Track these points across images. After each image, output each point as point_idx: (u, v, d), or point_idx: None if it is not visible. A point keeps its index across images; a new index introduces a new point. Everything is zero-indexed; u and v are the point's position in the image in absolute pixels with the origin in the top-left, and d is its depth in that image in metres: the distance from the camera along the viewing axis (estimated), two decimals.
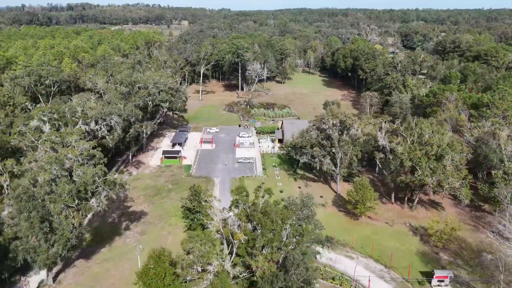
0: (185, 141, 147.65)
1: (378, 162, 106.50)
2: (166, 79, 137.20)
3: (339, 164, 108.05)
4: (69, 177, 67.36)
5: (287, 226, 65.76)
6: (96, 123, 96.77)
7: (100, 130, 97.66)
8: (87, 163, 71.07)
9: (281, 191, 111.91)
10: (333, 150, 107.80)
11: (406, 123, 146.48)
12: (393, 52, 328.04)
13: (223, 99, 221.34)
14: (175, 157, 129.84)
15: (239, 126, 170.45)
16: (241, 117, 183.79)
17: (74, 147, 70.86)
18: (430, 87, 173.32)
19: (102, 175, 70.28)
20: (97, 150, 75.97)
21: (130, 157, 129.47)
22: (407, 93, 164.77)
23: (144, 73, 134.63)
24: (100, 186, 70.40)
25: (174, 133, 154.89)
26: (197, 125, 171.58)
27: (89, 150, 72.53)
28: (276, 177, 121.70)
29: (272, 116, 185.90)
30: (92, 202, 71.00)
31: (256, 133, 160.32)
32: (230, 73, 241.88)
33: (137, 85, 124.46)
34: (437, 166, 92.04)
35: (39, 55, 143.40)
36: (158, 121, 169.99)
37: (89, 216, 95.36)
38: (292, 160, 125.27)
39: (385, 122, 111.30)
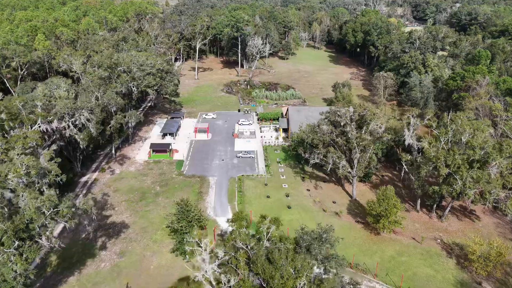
0: (177, 130, 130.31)
1: (404, 166, 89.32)
2: (154, 59, 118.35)
3: (356, 166, 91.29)
4: (7, 208, 50.65)
5: (302, 281, 49.36)
6: (63, 120, 79.43)
7: (68, 128, 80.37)
8: (38, 182, 54.26)
9: (287, 195, 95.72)
10: (350, 147, 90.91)
11: (428, 110, 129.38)
12: (406, 25, 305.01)
13: (221, 78, 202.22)
14: (165, 151, 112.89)
15: (239, 111, 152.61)
16: (241, 100, 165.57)
17: (22, 163, 53.49)
18: (452, 67, 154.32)
19: (52, 205, 53.23)
20: (55, 162, 58.93)
21: (114, 151, 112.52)
22: (427, 74, 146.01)
23: (129, 52, 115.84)
24: (49, 221, 53.32)
25: (165, 120, 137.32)
26: (192, 110, 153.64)
27: (41, 165, 55.46)
28: (281, 176, 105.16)
29: (275, 98, 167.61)
30: (42, 240, 54.58)
31: (258, 119, 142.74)
32: (229, 48, 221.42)
33: (118, 68, 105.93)
34: (481, 176, 75.15)
35: (5, 31, 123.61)
36: (149, 104, 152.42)
37: (58, 230, 79.58)
38: (299, 154, 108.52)
39: (413, 116, 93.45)
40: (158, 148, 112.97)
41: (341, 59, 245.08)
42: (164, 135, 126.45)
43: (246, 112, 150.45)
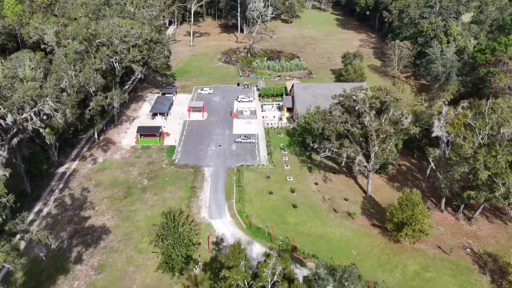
0: (169, 108, 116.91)
1: (431, 162, 76.68)
2: (141, 27, 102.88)
3: (372, 159, 78.92)
4: None
5: None
6: (23, 110, 66.06)
7: (30, 120, 67.20)
8: None
9: (293, 191, 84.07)
10: (366, 137, 78.27)
11: (450, 87, 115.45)
12: None
13: (219, 44, 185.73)
14: (154, 135, 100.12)
15: (238, 85, 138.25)
16: (240, 71, 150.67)
17: None
18: (475, 35, 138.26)
19: None
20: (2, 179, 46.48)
21: (96, 136, 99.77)
22: (449, 44, 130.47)
23: (111, 20, 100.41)
24: None
25: (156, 97, 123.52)
26: (186, 84, 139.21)
27: None
28: (285, 167, 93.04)
29: (278, 69, 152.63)
30: None
31: (259, 96, 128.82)
32: (227, 11, 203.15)
33: (97, 41, 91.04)
34: None
35: None
36: (139, 76, 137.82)
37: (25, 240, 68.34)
38: (305, 140, 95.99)
39: (445, 103, 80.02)
40: (146, 132, 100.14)
41: (349, 23, 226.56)
42: (154, 115, 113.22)
43: (246, 86, 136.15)
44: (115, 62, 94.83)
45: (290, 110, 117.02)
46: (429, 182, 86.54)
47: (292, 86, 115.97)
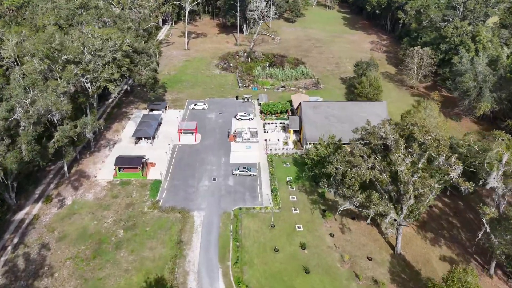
0: (157, 129, 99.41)
1: (485, 224, 58.92)
2: (120, 38, 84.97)
3: (404, 211, 61.64)
4: None
5: None
6: None
7: None
8: None
9: (304, 247, 67.01)
10: (397, 186, 60.98)
11: (482, 104, 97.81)
12: None
13: (216, 47, 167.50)
14: (136, 168, 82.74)
15: (237, 98, 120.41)
16: (240, 81, 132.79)
17: None
18: (506, 42, 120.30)
19: None
20: None
21: (66, 169, 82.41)
22: (478, 53, 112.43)
23: (86, 29, 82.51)
24: None
25: (142, 115, 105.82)
26: (178, 96, 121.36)
27: None
28: (292, 210, 75.80)
29: (282, 78, 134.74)
30: None
31: (260, 112, 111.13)
32: (226, 11, 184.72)
33: (63, 57, 73.27)
34: None
35: None
36: (125, 87, 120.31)
37: None
38: (316, 174, 78.86)
39: (501, 139, 62.48)
40: (126, 165, 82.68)
41: (357, 23, 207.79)
42: (138, 139, 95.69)
43: (245, 100, 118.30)
44: (87, 83, 77.05)
45: (297, 131, 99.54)
46: (461, 209, 69.45)
47: (300, 105, 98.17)
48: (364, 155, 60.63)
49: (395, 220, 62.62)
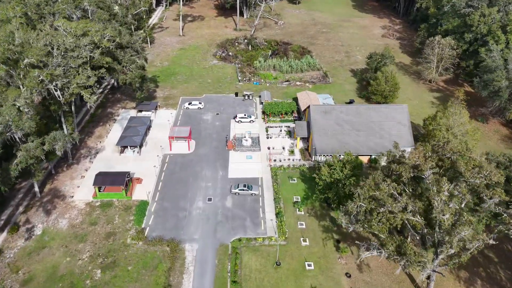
0: (145, 134, 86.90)
1: None
2: (98, 32, 71.24)
3: (439, 258, 49.84)
4: None
5: None
6: None
7: None
8: None
9: None
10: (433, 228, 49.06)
11: None
12: None
13: (214, 33, 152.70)
14: (119, 188, 70.63)
15: (236, 95, 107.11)
16: (239, 74, 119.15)
17: None
18: None
19: None
20: None
21: (37, 189, 70.34)
22: (508, 44, 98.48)
23: (56, 23, 68.83)
24: None
25: (129, 118, 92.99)
26: (171, 93, 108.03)
27: None
28: (301, 241, 64.11)
29: (286, 70, 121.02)
30: None
31: (263, 113, 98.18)
32: None
33: (25, 61, 60.04)
34: None
35: None
36: (113, 82, 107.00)
37: None
38: (329, 198, 67.01)
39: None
40: (107, 184, 70.54)
41: (366, 4, 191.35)
42: (123, 148, 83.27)
43: (246, 97, 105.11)
44: (56, 90, 64.03)
45: (304, 138, 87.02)
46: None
47: (308, 108, 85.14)
48: (393, 191, 48.35)
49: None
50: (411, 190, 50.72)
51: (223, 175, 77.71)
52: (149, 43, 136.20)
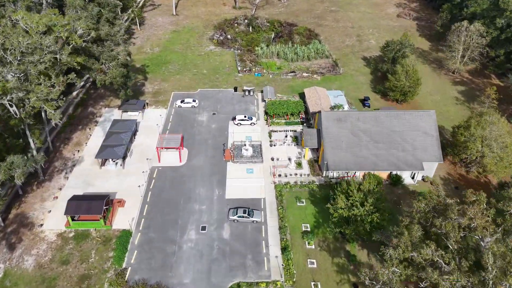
0: (130, 141, 74.95)
1: None
2: (67, 26, 57.76)
3: None
4: None
5: None
6: None
7: None
8: None
9: None
10: None
11: None
12: None
13: (211, 12, 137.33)
14: (97, 217, 59.25)
15: (235, 90, 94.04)
16: (239, 63, 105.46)
17: None
18: None
19: None
20: None
21: (0, 218, 59.06)
22: None
23: (15, 16, 55.19)
24: None
25: (112, 121, 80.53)
26: (161, 87, 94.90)
27: None
28: (312, 286, 53.51)
29: (291, 58, 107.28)
30: None
31: (265, 114, 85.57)
32: None
33: None
34: None
35: None
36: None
37: None
38: (346, 233, 55.96)
39: None
40: (83, 213, 59.08)
41: None
42: (103, 162, 71.35)
43: (246, 93, 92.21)
44: (11, 105, 51.51)
45: (313, 149, 74.96)
46: None
47: (319, 113, 72.52)
48: (439, 259, 36.93)
49: None
50: (459, 255, 39.26)
51: (220, 195, 66.29)
52: (138, 24, 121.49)
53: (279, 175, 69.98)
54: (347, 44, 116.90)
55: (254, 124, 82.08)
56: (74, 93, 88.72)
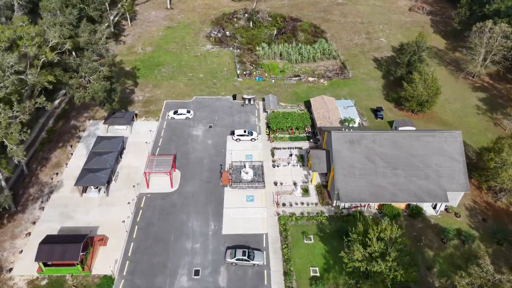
0: (116, 161, 66.02)
1: None
2: (36, 39, 48.04)
3: None
4: None
5: None
6: None
7: None
8: None
9: None
10: None
11: None
12: None
13: (208, 4, 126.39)
14: (73, 261, 50.69)
15: (234, 98, 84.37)
16: (238, 65, 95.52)
17: None
18: None
19: None
20: None
21: None
22: None
23: None
24: None
25: (96, 138, 71.32)
26: (153, 95, 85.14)
27: None
28: None
29: (295, 59, 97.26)
30: None
31: (267, 127, 76.09)
32: None
33: None
34: None
35: None
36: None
37: None
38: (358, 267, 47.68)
39: None
40: (57, 259, 50.38)
41: None
42: (83, 190, 62.44)
43: (246, 102, 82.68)
44: None
45: (321, 174, 65.91)
46: None
47: (329, 133, 63.19)
48: None
49: None
50: None
51: (216, 230, 57.68)
52: (129, 20, 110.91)
53: (283, 204, 61.23)
54: (356, 42, 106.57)
55: (255, 139, 72.91)
56: (56, 102, 79.29)
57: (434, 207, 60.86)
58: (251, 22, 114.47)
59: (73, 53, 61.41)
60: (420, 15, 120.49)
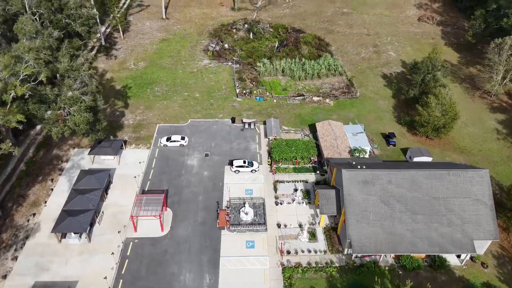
0: (101, 199, 58.55)
1: None
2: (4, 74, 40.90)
3: None
4: None
5: None
6: None
7: None
8: None
9: None
10: None
11: None
12: None
13: (206, 14, 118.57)
14: None
15: (233, 121, 76.71)
16: (237, 83, 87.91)
17: None
18: None
19: None
20: None
21: None
22: None
23: None
24: None
25: (79, 172, 63.79)
26: (144, 118, 77.36)
27: None
28: None
29: (299, 76, 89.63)
30: None
31: (269, 157, 68.55)
32: None
33: None
34: None
35: None
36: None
37: None
38: None
39: None
40: None
41: None
42: (62, 236, 54.93)
43: (246, 127, 75.12)
44: None
45: (329, 216, 58.33)
46: None
47: (339, 171, 55.58)
48: None
49: None
50: None
51: (211, 285, 50.19)
52: (121, 32, 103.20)
53: (288, 252, 53.77)
54: (363, 56, 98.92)
55: (256, 171, 65.39)
56: (38, 128, 71.74)
57: (459, 256, 53.46)
58: (251, 33, 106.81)
59: (55, 78, 53.85)
60: (430, 26, 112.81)
